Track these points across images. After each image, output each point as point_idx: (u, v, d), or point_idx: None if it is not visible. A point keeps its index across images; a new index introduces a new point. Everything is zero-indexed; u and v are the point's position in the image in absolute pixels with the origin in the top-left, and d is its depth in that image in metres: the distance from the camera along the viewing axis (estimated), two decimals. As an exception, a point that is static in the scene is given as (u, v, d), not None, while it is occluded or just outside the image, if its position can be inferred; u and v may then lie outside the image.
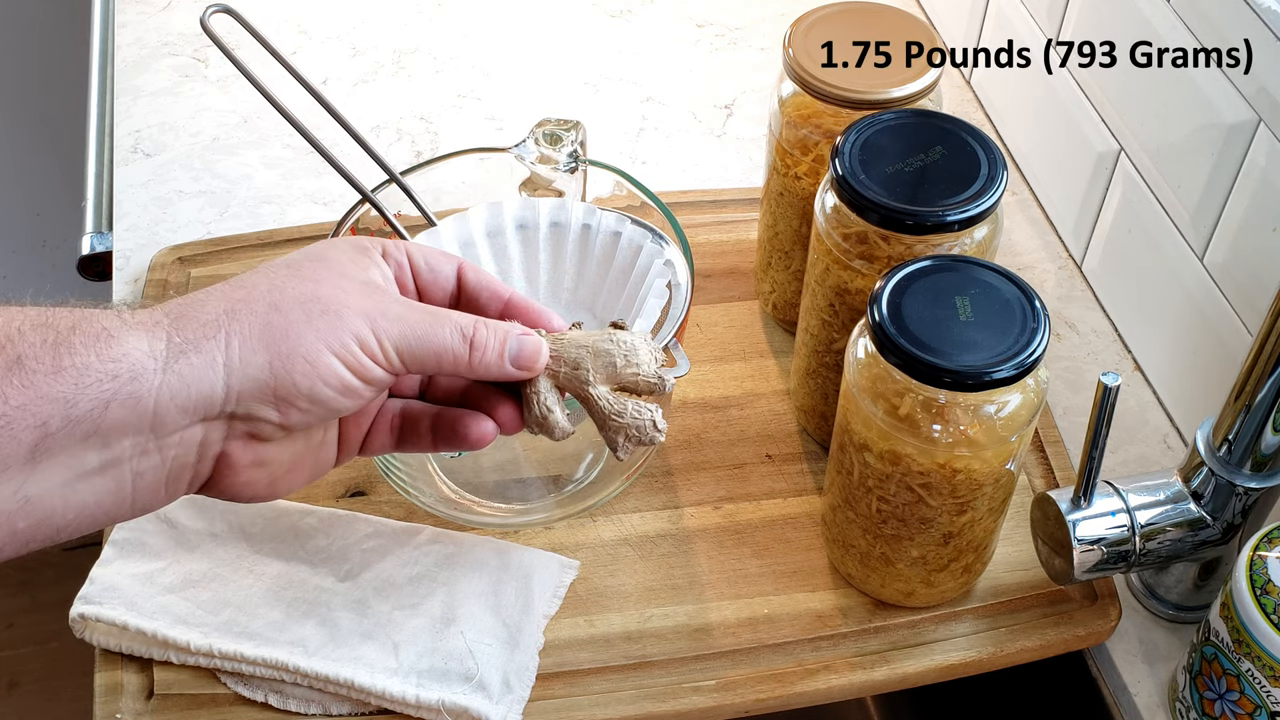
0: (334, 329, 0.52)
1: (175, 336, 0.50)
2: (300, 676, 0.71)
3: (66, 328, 0.48)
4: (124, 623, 0.72)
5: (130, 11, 1.16)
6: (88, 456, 0.49)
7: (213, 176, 1.02)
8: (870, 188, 0.72)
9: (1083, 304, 0.96)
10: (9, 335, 0.47)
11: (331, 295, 0.53)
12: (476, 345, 0.55)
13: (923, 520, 0.71)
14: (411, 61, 1.13)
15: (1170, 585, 0.77)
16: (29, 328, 0.47)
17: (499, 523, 0.80)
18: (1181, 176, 0.83)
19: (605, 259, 0.78)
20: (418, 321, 0.54)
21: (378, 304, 0.54)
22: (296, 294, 0.52)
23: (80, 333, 0.48)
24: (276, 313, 0.52)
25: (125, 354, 0.49)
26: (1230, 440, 0.70)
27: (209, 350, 0.50)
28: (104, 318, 0.50)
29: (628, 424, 0.57)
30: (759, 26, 1.18)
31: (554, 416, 0.58)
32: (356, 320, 0.53)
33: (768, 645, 0.75)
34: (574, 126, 0.82)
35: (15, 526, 0.48)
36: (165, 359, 0.49)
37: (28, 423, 0.47)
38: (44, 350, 0.47)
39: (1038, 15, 0.98)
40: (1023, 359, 0.66)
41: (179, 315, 0.51)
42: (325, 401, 0.53)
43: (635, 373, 0.58)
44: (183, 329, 0.50)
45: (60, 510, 0.49)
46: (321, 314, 0.52)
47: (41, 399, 0.47)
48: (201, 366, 0.50)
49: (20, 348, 0.47)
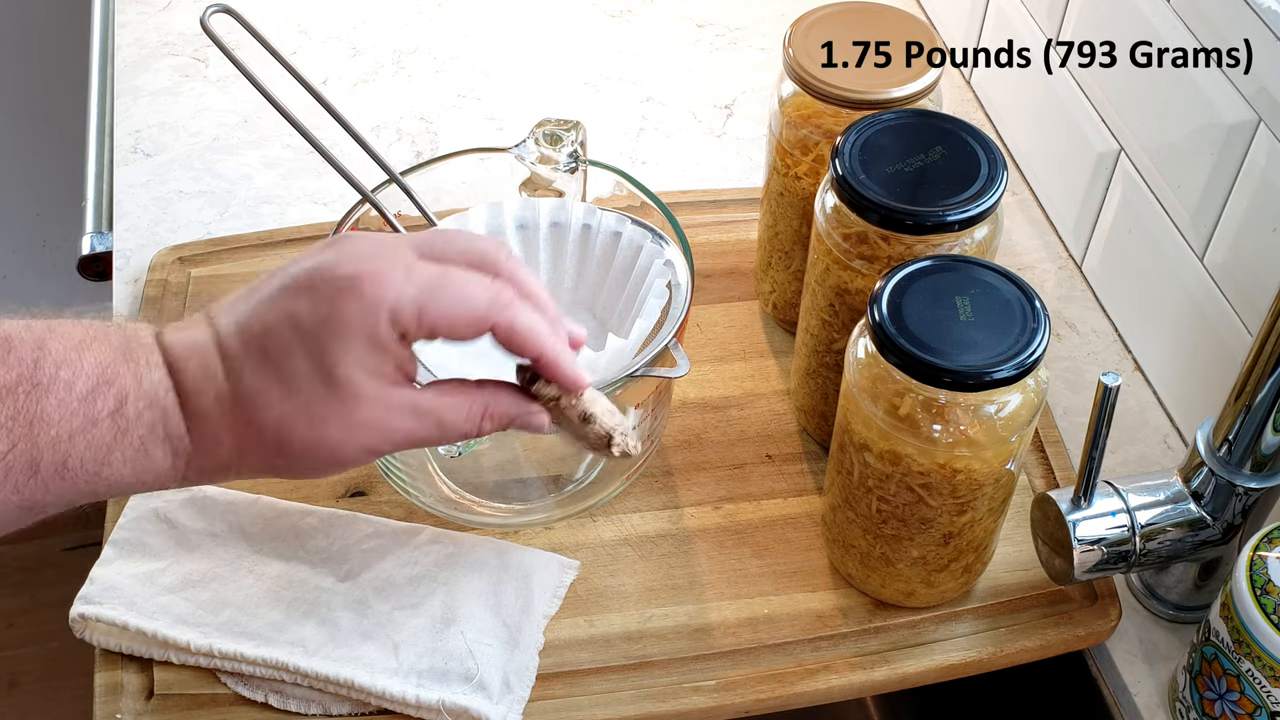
0: (334, 464, 0.56)
1: (190, 469, 0.55)
2: (300, 676, 0.71)
3: (112, 435, 0.52)
4: (124, 623, 0.72)
5: (130, 11, 1.16)
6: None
7: (213, 176, 1.02)
8: (870, 188, 0.72)
9: (1083, 304, 0.96)
10: (59, 434, 0.51)
11: (338, 441, 0.55)
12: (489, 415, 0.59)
13: (923, 520, 0.71)
14: (411, 61, 1.13)
15: (1170, 585, 0.77)
16: (78, 426, 0.51)
17: (499, 523, 0.80)
18: (1181, 176, 0.83)
19: (605, 259, 0.78)
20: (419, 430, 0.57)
21: (382, 424, 0.56)
22: (304, 442, 0.55)
23: (121, 446, 0.52)
24: (281, 456, 0.55)
25: (154, 467, 0.54)
26: (1230, 440, 0.70)
27: (221, 476, 0.56)
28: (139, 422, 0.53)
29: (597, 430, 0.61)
30: (759, 26, 1.18)
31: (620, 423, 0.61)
32: (359, 456, 0.56)
33: (768, 645, 0.75)
34: (574, 126, 0.82)
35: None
36: (183, 476, 0.55)
37: (60, 505, 0.53)
38: (90, 455, 0.52)
39: (1038, 15, 0.98)
40: (1023, 359, 0.66)
41: (200, 450, 0.55)
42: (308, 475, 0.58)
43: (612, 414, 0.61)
44: (197, 464, 0.55)
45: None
46: (326, 459, 0.56)
47: (76, 493, 0.53)
48: (212, 482, 0.57)
49: (68, 449, 0.51)
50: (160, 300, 0.91)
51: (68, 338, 0.52)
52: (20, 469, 0.50)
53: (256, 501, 0.78)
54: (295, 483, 0.79)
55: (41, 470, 0.50)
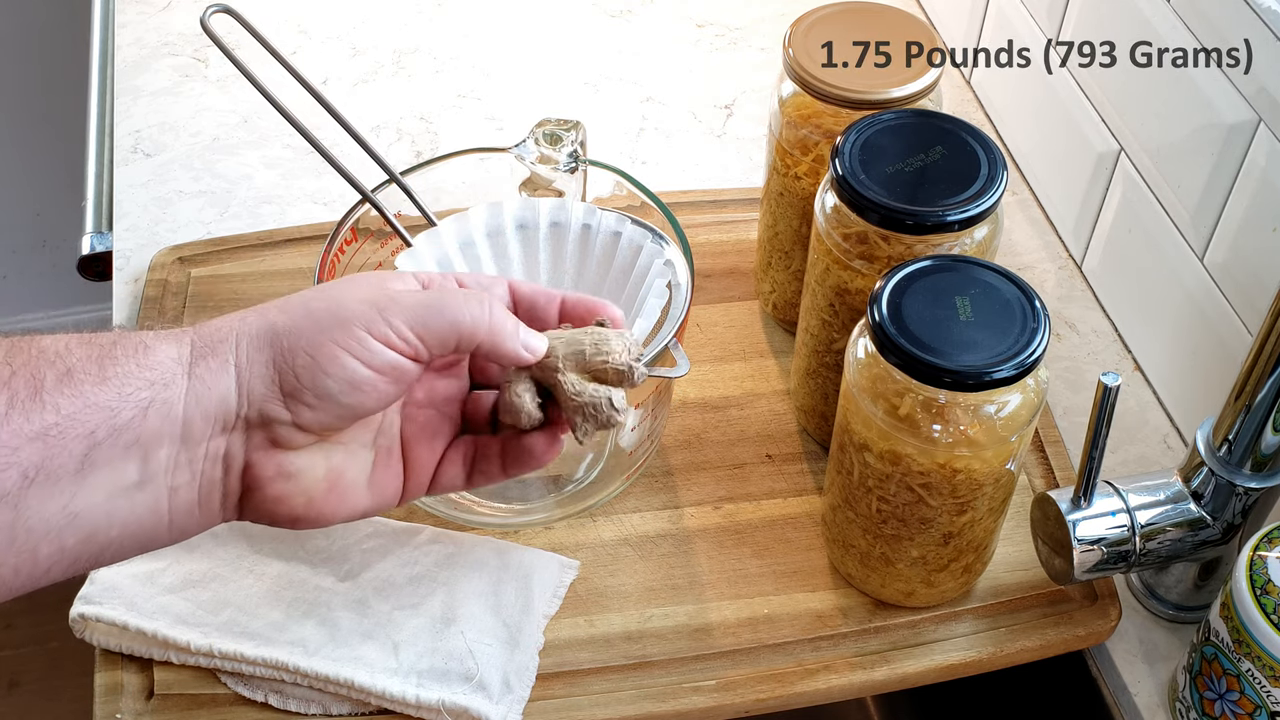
0: (337, 321, 0.53)
1: (197, 343, 0.52)
2: (300, 676, 0.71)
3: (109, 343, 0.51)
4: (124, 623, 0.72)
5: (130, 11, 1.16)
6: (128, 469, 0.51)
7: (213, 176, 1.02)
8: (870, 188, 0.72)
9: (1083, 304, 0.96)
10: (58, 351, 0.50)
11: (337, 294, 0.54)
12: (494, 313, 0.56)
13: (923, 520, 0.71)
14: (411, 61, 1.13)
15: (1170, 585, 0.77)
16: (76, 344, 0.50)
17: (499, 523, 0.80)
18: (1181, 176, 0.83)
19: (605, 259, 0.78)
20: (431, 300, 0.55)
21: (388, 295, 0.54)
22: (303, 297, 0.54)
23: (121, 345, 0.51)
24: (281, 314, 0.53)
25: (159, 361, 0.51)
26: (1230, 440, 0.70)
27: (222, 353, 0.52)
28: (141, 334, 0.52)
29: (585, 403, 0.58)
30: (759, 26, 1.18)
31: (522, 401, 0.58)
32: (361, 309, 0.53)
33: (768, 645, 0.75)
34: (574, 126, 0.82)
35: (65, 543, 0.50)
36: (189, 364, 0.52)
37: (77, 432, 0.49)
38: (90, 363, 0.50)
39: (1038, 15, 0.98)
40: (1023, 359, 0.66)
41: (201, 326, 0.53)
42: (333, 395, 0.53)
43: (604, 360, 0.58)
44: (202, 335, 0.53)
45: (104, 526, 0.51)
46: (325, 310, 0.53)
47: (89, 407, 0.49)
48: (217, 369, 0.52)
49: (70, 361, 0.49)
50: (160, 300, 0.91)
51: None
52: (25, 393, 0.48)
53: (256, 501, 0.78)
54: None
55: (46, 385, 0.48)
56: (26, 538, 0.49)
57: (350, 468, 0.57)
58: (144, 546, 0.53)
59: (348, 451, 0.57)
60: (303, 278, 0.92)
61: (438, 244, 0.76)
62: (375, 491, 0.58)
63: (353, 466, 0.57)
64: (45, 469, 0.48)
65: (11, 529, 0.48)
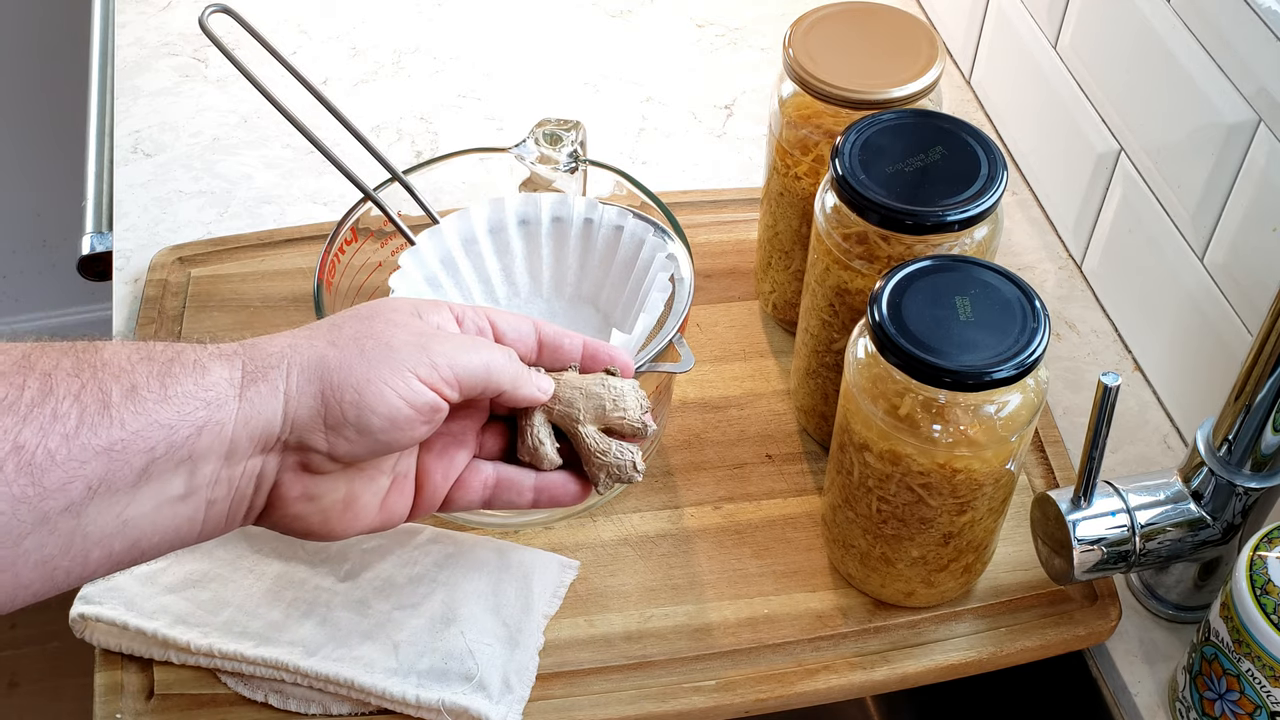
0: (386, 360, 0.55)
1: (248, 365, 0.54)
2: (300, 676, 0.71)
3: (167, 360, 0.52)
4: (124, 623, 0.72)
5: (130, 11, 1.16)
6: (176, 482, 0.52)
7: (213, 176, 1.02)
8: (870, 188, 0.72)
9: (1083, 304, 0.96)
10: (121, 366, 0.51)
11: (385, 333, 0.56)
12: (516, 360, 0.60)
13: (923, 520, 0.71)
14: (411, 61, 1.13)
15: (1170, 585, 0.77)
16: (137, 360, 0.51)
17: (499, 523, 0.80)
18: (1181, 176, 0.83)
19: (608, 253, 0.78)
20: (466, 343, 0.58)
21: (429, 334, 0.57)
22: (353, 332, 0.56)
23: (179, 364, 0.52)
24: (333, 348, 0.55)
25: (214, 382, 0.53)
26: (1230, 440, 0.70)
27: (273, 379, 0.54)
28: (193, 349, 0.53)
29: (610, 462, 0.63)
30: (759, 26, 1.18)
31: (544, 449, 0.62)
32: (408, 350, 0.56)
33: (768, 645, 0.75)
34: (574, 126, 0.82)
35: (113, 548, 0.52)
36: (240, 385, 0.53)
37: (140, 447, 0.50)
38: (153, 380, 0.51)
39: (1038, 15, 0.98)
40: (1023, 359, 0.66)
41: (251, 345, 0.54)
42: (374, 431, 0.55)
43: (621, 417, 0.62)
44: (254, 359, 0.54)
45: (149, 533, 0.53)
46: (374, 347, 0.55)
47: (152, 425, 0.51)
48: (268, 394, 0.54)
49: (134, 378, 0.51)
50: (160, 300, 0.91)
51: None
52: (95, 408, 0.49)
53: (256, 501, 0.78)
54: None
55: (114, 402, 0.50)
56: (83, 543, 0.50)
57: (366, 491, 0.59)
58: (174, 548, 0.55)
59: (367, 477, 0.59)
60: (303, 278, 0.92)
61: (440, 242, 0.76)
62: (385, 512, 0.61)
63: (369, 490, 0.59)
64: (108, 481, 0.50)
65: (71, 536, 0.50)
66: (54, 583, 0.51)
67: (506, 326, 0.62)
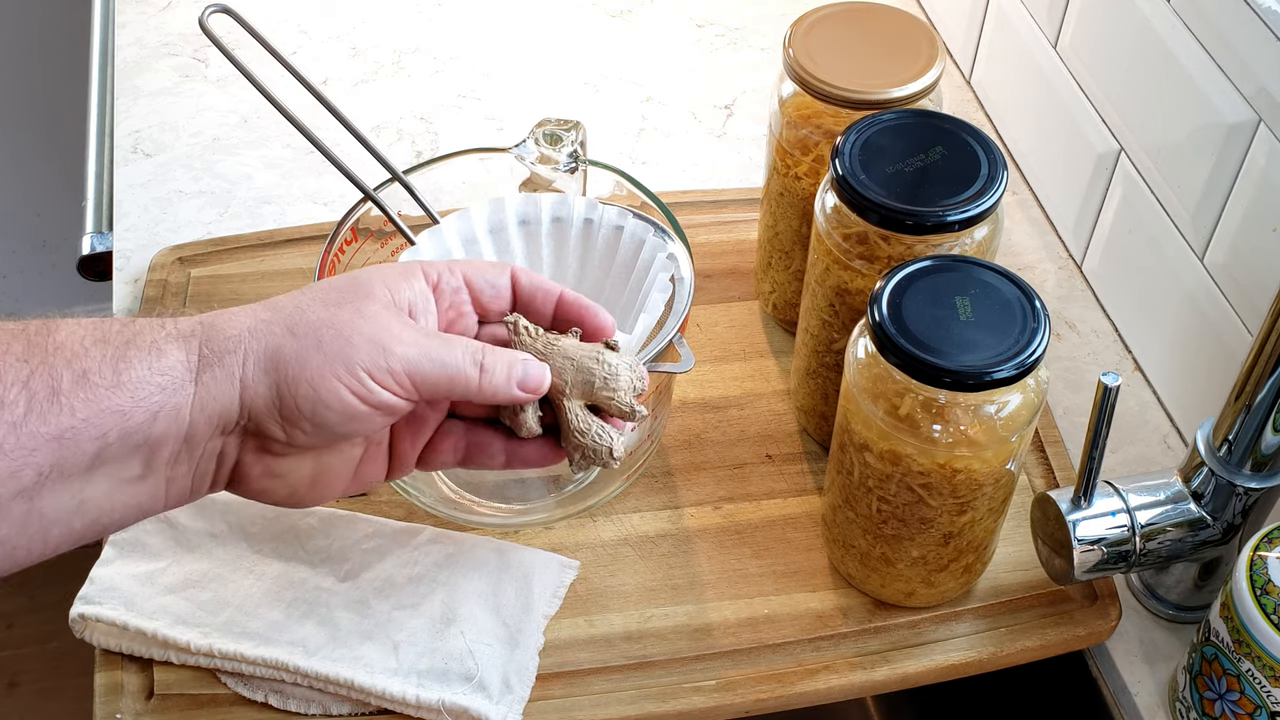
0: (342, 356, 0.54)
1: (205, 349, 0.53)
2: (300, 676, 0.71)
3: (122, 342, 0.51)
4: (124, 623, 0.72)
5: (130, 11, 1.16)
6: (133, 464, 0.52)
7: (213, 176, 1.02)
8: (870, 188, 0.72)
9: (1083, 304, 0.96)
10: (74, 350, 0.50)
11: (348, 322, 0.54)
12: (486, 369, 0.57)
13: (923, 520, 0.71)
14: (411, 61, 1.13)
15: (1170, 585, 0.77)
16: (91, 343, 0.50)
17: (499, 523, 0.80)
18: (1181, 176, 0.83)
19: (608, 254, 0.78)
20: (429, 347, 0.56)
21: (392, 331, 0.55)
22: (314, 319, 0.54)
23: (134, 346, 0.51)
24: (291, 337, 0.54)
25: (170, 366, 0.52)
26: (1230, 440, 0.70)
27: (230, 365, 0.53)
28: (151, 329, 0.52)
29: (587, 444, 0.60)
30: (759, 26, 1.18)
31: (524, 417, 0.60)
32: (366, 348, 0.54)
33: (768, 645, 0.75)
34: (574, 126, 0.82)
35: (73, 526, 0.52)
36: (196, 370, 0.52)
37: (91, 434, 0.50)
38: (105, 365, 0.50)
39: (1038, 15, 0.98)
40: (1023, 359, 0.66)
41: (210, 325, 0.53)
42: (330, 426, 0.55)
43: (610, 397, 0.60)
44: (211, 342, 0.53)
45: (108, 511, 0.53)
46: (333, 340, 0.54)
47: (104, 412, 0.50)
48: (223, 380, 0.53)
49: (85, 362, 0.50)
50: (160, 300, 0.91)
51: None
52: (44, 395, 0.49)
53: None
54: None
55: (64, 389, 0.49)
56: (40, 523, 0.50)
57: (339, 462, 0.59)
58: (138, 521, 0.55)
59: (338, 450, 0.59)
60: (303, 278, 0.92)
61: (440, 241, 0.76)
62: (359, 480, 0.61)
63: (341, 461, 0.59)
64: (60, 467, 0.50)
65: (26, 517, 0.50)
66: (15, 561, 0.51)
67: (483, 283, 0.60)
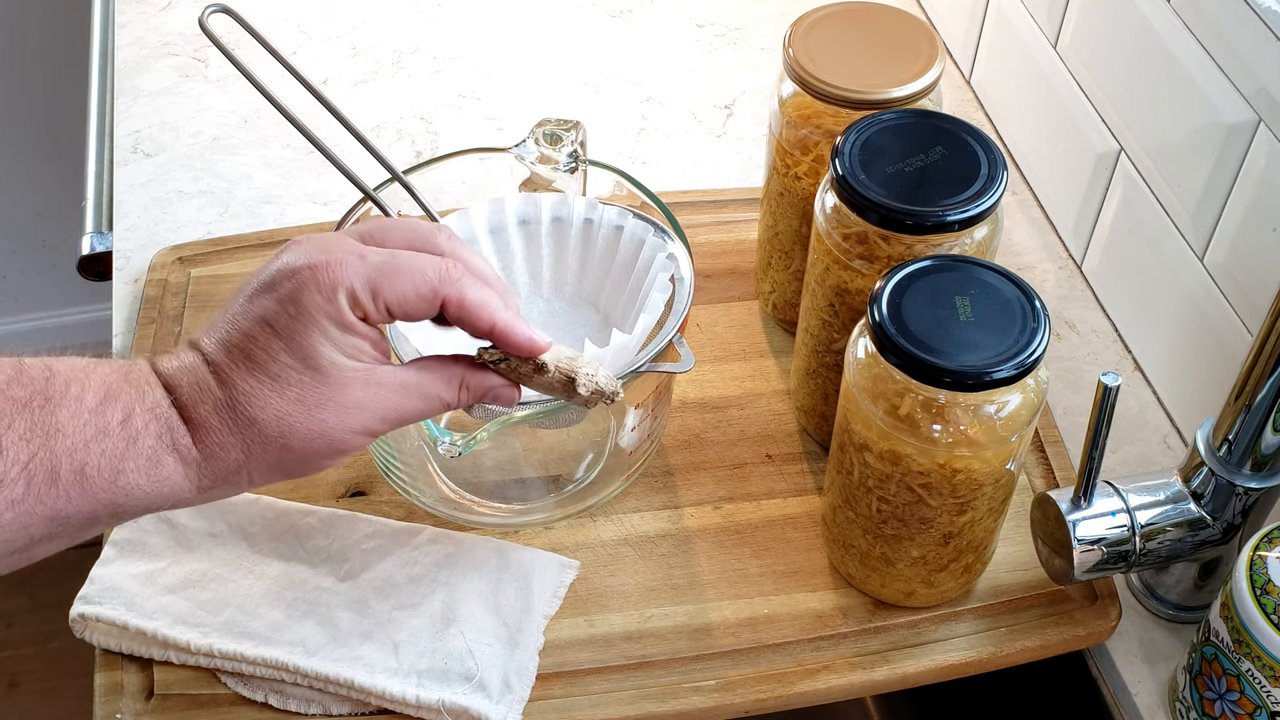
0: (337, 452, 0.58)
1: (204, 478, 0.56)
2: (300, 676, 0.71)
3: (123, 443, 0.54)
4: (124, 623, 0.72)
5: (130, 11, 1.16)
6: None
7: (213, 176, 1.02)
8: (870, 188, 0.72)
9: (1083, 304, 0.96)
10: (74, 441, 0.53)
11: (335, 424, 0.57)
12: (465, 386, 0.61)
13: (923, 520, 0.71)
14: (411, 61, 1.13)
15: (1170, 585, 0.77)
16: (91, 435, 0.53)
17: (499, 523, 0.80)
18: (1181, 176, 0.83)
19: (608, 253, 0.78)
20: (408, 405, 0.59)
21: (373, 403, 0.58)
22: (305, 432, 0.57)
23: (133, 454, 0.54)
24: (288, 452, 0.57)
25: (168, 477, 0.55)
26: (1230, 440, 0.70)
27: (236, 482, 0.57)
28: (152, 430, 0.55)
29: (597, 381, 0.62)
30: (759, 26, 1.18)
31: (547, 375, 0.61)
32: (358, 440, 0.58)
33: (768, 645, 0.75)
34: (574, 126, 0.82)
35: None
36: (198, 487, 0.57)
37: (84, 517, 0.54)
38: (105, 464, 0.53)
39: (1038, 15, 0.98)
40: (1023, 359, 0.66)
41: (209, 457, 0.56)
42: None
43: (591, 374, 0.61)
44: (210, 472, 0.56)
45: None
46: (327, 447, 0.58)
47: (99, 504, 0.54)
48: (229, 491, 0.58)
49: (85, 457, 0.53)
50: (160, 300, 0.91)
51: (73, 363, 0.55)
52: (42, 478, 0.52)
53: (256, 502, 0.78)
54: (295, 483, 0.79)
55: (62, 478, 0.52)
56: (28, 559, 0.55)
57: None
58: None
59: None
60: (303, 278, 0.92)
61: (439, 243, 0.76)
62: None
63: None
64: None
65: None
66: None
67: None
